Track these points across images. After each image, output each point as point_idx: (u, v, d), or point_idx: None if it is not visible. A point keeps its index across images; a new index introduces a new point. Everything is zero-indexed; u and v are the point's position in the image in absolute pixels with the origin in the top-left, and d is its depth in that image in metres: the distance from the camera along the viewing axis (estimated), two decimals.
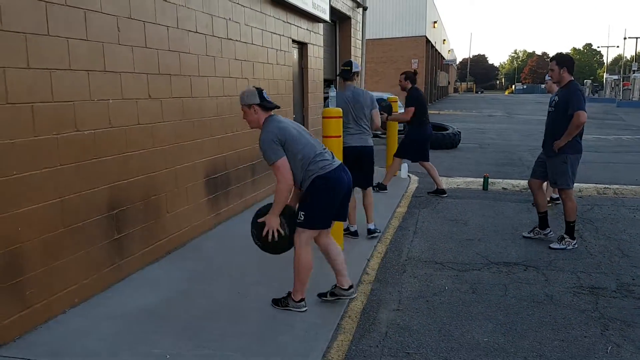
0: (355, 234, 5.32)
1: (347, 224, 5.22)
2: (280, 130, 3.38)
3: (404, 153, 7.63)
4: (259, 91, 3.47)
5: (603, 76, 61.36)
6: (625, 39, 49.57)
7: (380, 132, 10.62)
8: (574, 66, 5.11)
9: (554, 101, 5.16)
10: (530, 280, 4.34)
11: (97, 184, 3.85)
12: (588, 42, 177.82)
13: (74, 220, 3.64)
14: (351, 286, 3.75)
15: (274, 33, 7.12)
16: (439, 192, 7.58)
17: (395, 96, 9.63)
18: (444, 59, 50.48)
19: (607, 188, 7.98)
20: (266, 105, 3.48)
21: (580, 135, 5.03)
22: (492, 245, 5.26)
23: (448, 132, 13.45)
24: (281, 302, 3.65)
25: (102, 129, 3.89)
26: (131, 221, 4.27)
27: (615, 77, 48.05)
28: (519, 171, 9.71)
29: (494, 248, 5.18)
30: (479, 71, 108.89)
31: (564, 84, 5.02)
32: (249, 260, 4.63)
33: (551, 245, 5.15)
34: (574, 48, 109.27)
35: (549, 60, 5.22)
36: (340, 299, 3.74)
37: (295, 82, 8.39)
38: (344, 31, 11.88)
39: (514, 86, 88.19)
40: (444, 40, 50.35)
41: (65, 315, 3.56)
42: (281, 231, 3.44)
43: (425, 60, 33.09)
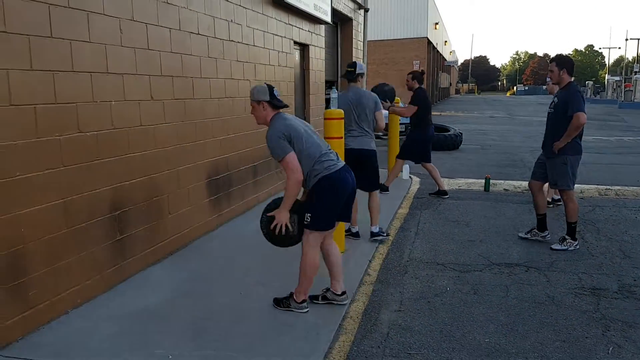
0: (356, 235, 5.33)
1: (349, 225, 5.23)
2: (286, 127, 3.38)
3: (406, 154, 7.64)
4: (270, 89, 3.48)
5: (605, 77, 61.27)
6: (626, 40, 49.48)
7: (382, 134, 10.61)
8: (574, 68, 5.12)
9: (553, 102, 5.17)
10: (531, 281, 4.34)
11: (99, 185, 3.87)
12: (590, 43, 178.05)
13: (76, 221, 3.66)
14: (344, 292, 3.75)
15: (275, 35, 7.14)
16: (441, 193, 7.58)
17: (397, 97, 9.62)
18: (445, 60, 50.50)
19: (609, 189, 7.98)
20: (275, 104, 3.49)
21: (580, 137, 5.03)
22: (494, 247, 5.26)
23: (450, 133, 13.46)
24: (283, 303, 3.65)
25: (104, 131, 3.90)
26: (133, 222, 4.28)
27: (616, 78, 47.95)
28: (520, 172, 9.71)
29: (496, 249, 5.18)
30: (480, 72, 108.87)
31: (564, 86, 5.03)
32: (251, 261, 4.64)
33: (553, 246, 5.16)
34: (575, 49, 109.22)
35: (549, 61, 5.23)
36: (332, 303, 3.73)
37: (297, 84, 8.41)
38: (345, 33, 11.90)
39: (515, 87, 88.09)
40: (446, 41, 50.38)
41: (68, 315, 3.58)
42: (289, 227, 3.45)
43: (427, 61, 33.10)
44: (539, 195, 5.38)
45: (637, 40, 46.26)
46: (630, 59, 54.39)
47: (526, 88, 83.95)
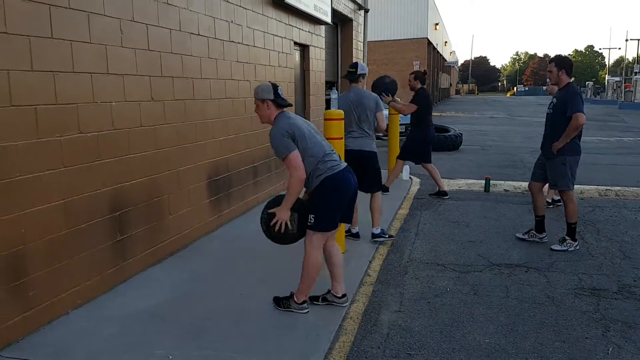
0: (356, 235, 5.33)
1: (349, 226, 5.23)
2: (290, 125, 3.38)
3: (406, 155, 7.63)
4: (274, 87, 3.49)
5: (605, 78, 61.30)
6: (627, 40, 49.53)
7: (382, 134, 10.61)
8: (573, 68, 5.13)
9: (552, 103, 5.18)
10: (531, 282, 4.35)
11: (100, 186, 3.88)
12: (590, 44, 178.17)
13: (77, 221, 3.66)
14: (344, 295, 3.75)
15: (275, 35, 7.15)
16: (441, 194, 7.58)
17: (398, 98, 9.61)
18: (445, 60, 50.52)
19: (609, 190, 7.98)
20: (279, 102, 3.49)
21: (578, 137, 5.04)
22: (494, 247, 5.26)
23: (450, 134, 13.46)
24: (283, 303, 3.65)
25: (105, 131, 3.91)
26: (134, 223, 4.29)
27: (617, 79, 47.94)
28: (520, 173, 9.71)
29: (496, 250, 5.19)
30: (480, 73, 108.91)
31: (562, 86, 5.04)
32: (251, 262, 4.65)
33: (552, 247, 5.16)
34: (575, 50, 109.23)
35: (548, 62, 5.23)
36: (332, 305, 3.73)
37: (297, 84, 8.42)
38: (345, 33, 11.91)
39: (515, 88, 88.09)
40: (446, 42, 50.40)
41: (68, 316, 3.58)
42: (289, 225, 3.45)
43: (427, 62, 33.11)
44: (538, 196, 5.38)
45: (637, 41, 46.31)
46: (630, 59, 54.44)
47: (526, 89, 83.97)
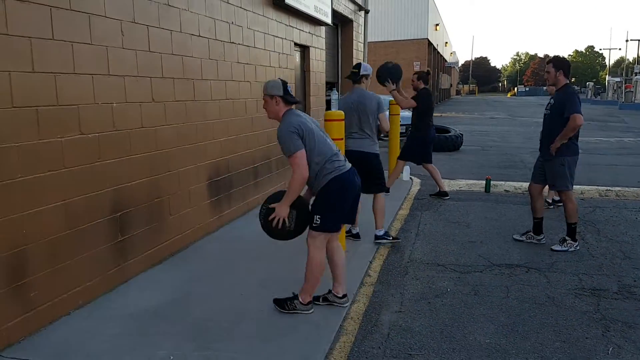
0: (357, 236, 5.33)
1: (349, 226, 5.24)
2: (299, 123, 3.38)
3: (407, 156, 7.63)
4: (284, 84, 3.49)
5: (605, 78, 61.29)
6: (627, 41, 49.49)
7: (382, 135, 10.60)
8: (570, 69, 5.14)
9: (549, 104, 5.19)
10: (532, 282, 4.35)
11: (101, 187, 3.89)
12: (590, 44, 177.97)
13: (78, 222, 3.67)
14: (345, 295, 3.76)
15: (276, 36, 7.16)
16: (441, 194, 7.59)
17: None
18: (446, 61, 50.54)
19: (609, 190, 7.99)
20: (288, 99, 3.50)
21: (576, 137, 5.05)
22: (494, 247, 5.27)
23: (450, 134, 13.46)
24: (288, 305, 3.62)
25: (106, 132, 3.92)
26: (135, 223, 4.30)
27: (617, 79, 47.93)
28: (521, 173, 9.71)
29: (496, 250, 5.19)
30: (481, 73, 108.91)
31: (560, 87, 5.05)
32: (252, 262, 4.65)
33: (553, 247, 5.16)
34: (576, 50, 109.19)
35: (546, 62, 5.24)
36: (332, 305, 3.74)
37: (298, 85, 8.43)
38: (346, 34, 11.93)
39: (516, 88, 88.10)
40: (446, 42, 50.41)
41: (70, 316, 3.59)
42: (287, 222, 3.46)
43: (427, 62, 33.12)
44: (538, 198, 5.39)
45: (637, 41, 46.28)
46: (630, 60, 54.37)
47: (527, 89, 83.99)
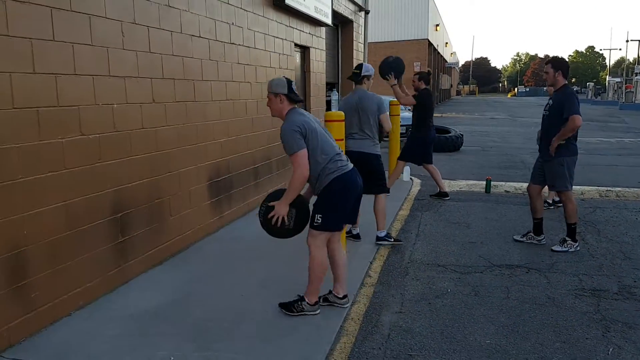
0: (357, 236, 5.34)
1: (350, 227, 5.24)
2: (303, 122, 3.40)
3: (407, 156, 7.63)
4: (289, 82, 3.51)
5: (606, 79, 61.29)
6: (627, 41, 49.48)
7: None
8: (569, 70, 5.15)
9: (548, 105, 5.19)
10: (532, 283, 4.35)
11: (101, 188, 3.89)
12: (590, 44, 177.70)
13: (78, 223, 3.68)
14: (345, 295, 3.76)
15: (276, 37, 7.17)
16: (442, 195, 7.59)
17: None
18: (446, 61, 50.55)
19: (610, 191, 7.99)
20: (292, 97, 3.51)
21: (574, 138, 5.06)
22: (495, 248, 5.27)
23: (450, 135, 13.46)
24: (295, 307, 3.60)
25: (106, 133, 3.92)
26: (135, 224, 4.30)
27: (617, 79, 47.94)
28: (521, 174, 9.71)
29: (496, 251, 5.19)
30: (481, 74, 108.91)
31: (558, 88, 5.06)
32: (252, 263, 4.65)
33: (553, 248, 5.17)
34: (576, 50, 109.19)
35: (544, 63, 5.25)
36: (333, 305, 3.74)
37: (298, 86, 8.43)
38: (346, 35, 11.93)
39: (516, 89, 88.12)
40: (446, 43, 50.42)
41: (70, 317, 3.59)
42: (286, 221, 3.47)
43: (428, 63, 33.12)
44: (537, 199, 5.39)
45: (637, 42, 46.27)
46: (631, 60, 54.39)
47: (527, 89, 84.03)
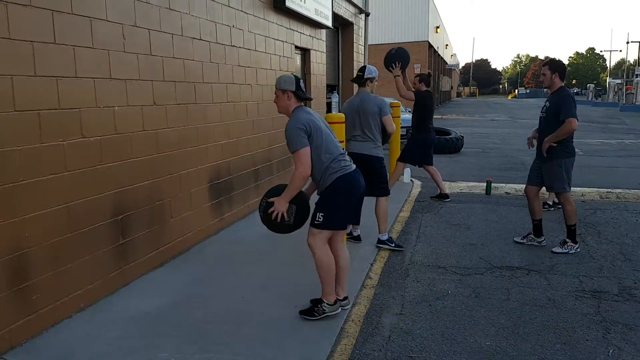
0: (357, 238, 5.34)
1: (350, 229, 5.25)
2: (308, 120, 3.40)
3: (407, 158, 7.64)
4: (297, 80, 3.52)
5: (606, 80, 61.31)
6: (627, 43, 49.65)
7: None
8: (566, 72, 5.17)
9: (545, 107, 5.21)
10: (532, 284, 4.35)
11: (102, 190, 3.90)
12: (591, 46, 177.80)
13: (79, 225, 3.68)
14: (346, 297, 3.76)
15: (277, 39, 7.18)
16: (442, 196, 7.59)
17: (398, 101, 9.65)
18: (446, 63, 50.54)
19: (610, 192, 7.99)
20: (300, 95, 3.52)
21: (571, 138, 5.06)
22: (495, 250, 5.27)
23: (451, 136, 13.47)
24: (317, 311, 3.57)
25: (107, 136, 3.93)
26: (136, 226, 4.31)
27: (618, 81, 47.95)
28: (521, 176, 9.70)
29: (497, 252, 5.20)
30: (481, 76, 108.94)
31: (555, 90, 5.07)
32: (253, 265, 4.66)
33: (553, 250, 5.17)
34: (577, 52, 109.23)
35: (542, 65, 5.26)
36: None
37: None
38: (346, 37, 11.95)
39: (516, 91, 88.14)
40: (447, 45, 50.41)
41: (71, 319, 3.60)
42: (286, 217, 3.48)
43: (428, 65, 33.12)
44: (535, 200, 5.39)
45: (638, 43, 46.32)
46: (631, 61, 54.40)
47: (527, 91, 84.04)
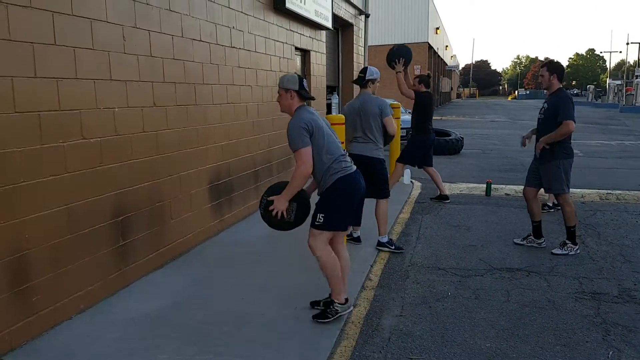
0: (357, 239, 5.34)
1: (350, 230, 5.25)
2: (311, 120, 3.41)
3: (407, 159, 7.64)
4: (300, 79, 3.53)
5: (606, 81, 61.34)
6: (627, 44, 49.81)
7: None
8: (564, 73, 5.18)
9: (543, 108, 5.21)
10: (532, 286, 4.35)
11: (102, 191, 3.90)
12: (591, 47, 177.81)
13: (80, 227, 3.68)
14: (347, 299, 3.73)
15: (277, 41, 7.19)
16: (442, 198, 7.60)
17: (398, 102, 9.66)
18: (446, 65, 50.59)
19: (610, 193, 7.99)
20: (303, 94, 3.53)
21: (569, 140, 5.07)
22: (495, 251, 5.27)
23: (451, 138, 13.47)
24: (329, 312, 3.57)
25: (108, 137, 3.93)
26: (136, 228, 4.31)
27: (618, 82, 48.01)
28: (521, 177, 9.63)
29: (497, 254, 5.20)
30: (481, 77, 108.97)
31: (553, 91, 5.09)
32: (252, 266, 4.66)
33: (553, 251, 5.17)
34: (576, 53, 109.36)
35: (540, 66, 5.27)
36: None
37: None
38: (346, 38, 11.96)
39: (516, 92, 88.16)
40: (447, 46, 50.47)
41: (71, 321, 3.60)
42: (285, 216, 3.49)
43: (428, 66, 33.14)
44: (533, 202, 5.40)
45: (638, 44, 46.35)
46: (631, 62, 54.43)
47: (527, 92, 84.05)
